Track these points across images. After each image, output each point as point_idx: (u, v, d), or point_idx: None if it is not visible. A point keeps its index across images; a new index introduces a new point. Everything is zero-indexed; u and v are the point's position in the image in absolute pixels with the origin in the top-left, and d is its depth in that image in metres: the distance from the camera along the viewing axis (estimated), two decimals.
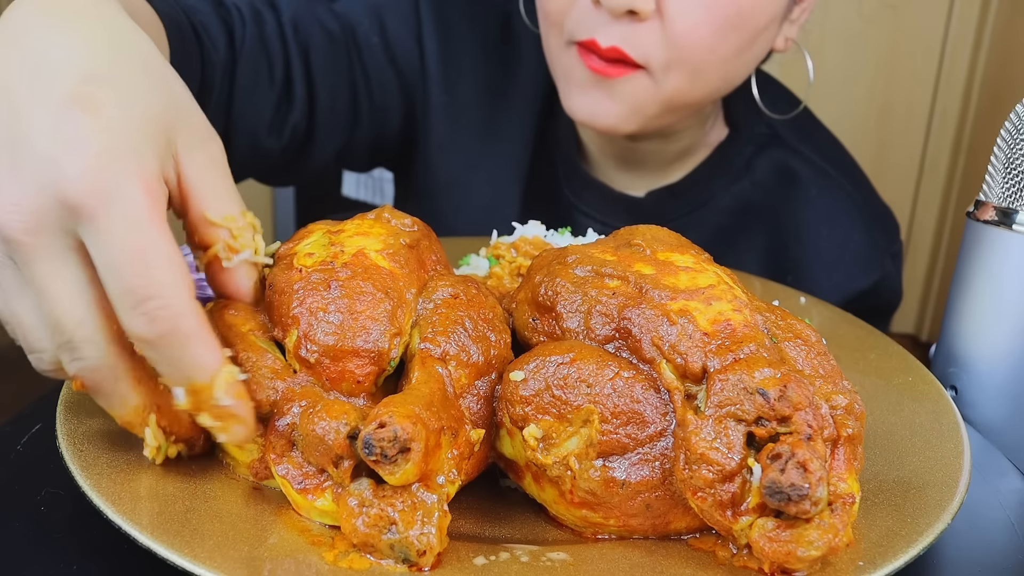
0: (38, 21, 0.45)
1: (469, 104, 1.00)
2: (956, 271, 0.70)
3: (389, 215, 0.56)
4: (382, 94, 0.96)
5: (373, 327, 0.47)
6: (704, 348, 0.45)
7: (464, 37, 1.00)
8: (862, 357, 0.68)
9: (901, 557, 0.43)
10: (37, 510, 0.48)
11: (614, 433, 0.44)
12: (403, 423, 0.40)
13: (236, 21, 0.83)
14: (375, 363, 0.47)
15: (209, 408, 0.43)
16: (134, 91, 0.44)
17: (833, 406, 0.44)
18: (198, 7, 0.79)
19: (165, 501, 0.44)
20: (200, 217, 0.47)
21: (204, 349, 0.42)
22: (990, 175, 0.67)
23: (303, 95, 0.88)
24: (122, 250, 0.40)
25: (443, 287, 0.51)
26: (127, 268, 0.40)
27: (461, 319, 0.49)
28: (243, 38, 0.82)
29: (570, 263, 0.51)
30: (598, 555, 0.44)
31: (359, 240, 0.52)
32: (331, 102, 0.91)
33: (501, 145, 1.01)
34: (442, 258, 0.57)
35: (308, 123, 0.90)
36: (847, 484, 0.43)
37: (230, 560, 0.40)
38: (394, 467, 0.40)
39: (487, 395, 0.48)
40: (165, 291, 0.40)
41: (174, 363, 0.42)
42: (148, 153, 0.42)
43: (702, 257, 0.53)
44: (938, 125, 2.58)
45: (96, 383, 0.43)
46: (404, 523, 0.41)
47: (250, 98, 0.84)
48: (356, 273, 0.49)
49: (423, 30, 0.97)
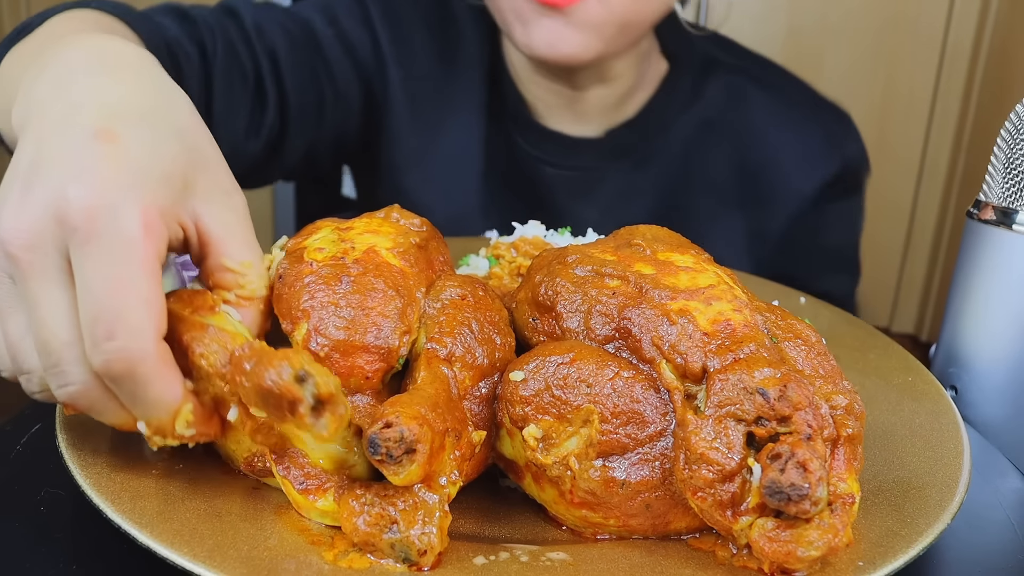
0: (85, 65, 0.47)
1: (424, 76, 1.04)
2: (956, 271, 0.70)
3: (398, 215, 0.56)
4: (344, 84, 1.00)
5: (384, 324, 0.47)
6: (704, 348, 0.45)
7: (410, 16, 1.04)
8: (862, 357, 0.68)
9: (901, 557, 0.43)
10: (37, 510, 0.48)
11: (614, 433, 0.44)
12: (409, 424, 0.40)
13: (205, 33, 0.86)
14: (384, 360, 0.47)
15: (171, 436, 0.43)
16: (156, 134, 0.45)
17: (833, 406, 0.44)
18: (167, 24, 0.83)
19: (165, 501, 0.44)
20: (217, 264, 0.47)
21: (163, 388, 0.42)
22: (990, 175, 0.67)
23: (274, 94, 0.92)
24: (101, 276, 0.40)
25: (451, 287, 0.51)
26: (100, 296, 0.40)
27: (468, 321, 0.49)
28: (214, 49, 0.86)
29: (570, 263, 0.51)
30: (598, 555, 0.44)
31: (369, 238, 0.52)
32: (300, 97, 0.94)
33: (457, 114, 1.05)
34: (448, 259, 0.57)
35: (281, 121, 0.94)
36: (847, 484, 0.43)
37: (230, 560, 0.40)
38: (399, 467, 0.40)
39: (488, 397, 0.48)
40: (130, 335, 0.40)
41: (133, 401, 0.42)
42: (157, 191, 0.43)
43: (702, 257, 0.53)
44: (938, 125, 2.58)
45: (87, 405, 0.43)
46: (405, 522, 0.41)
47: (228, 103, 0.87)
48: (367, 269, 0.49)
49: (372, 17, 1.02)
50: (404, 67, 1.02)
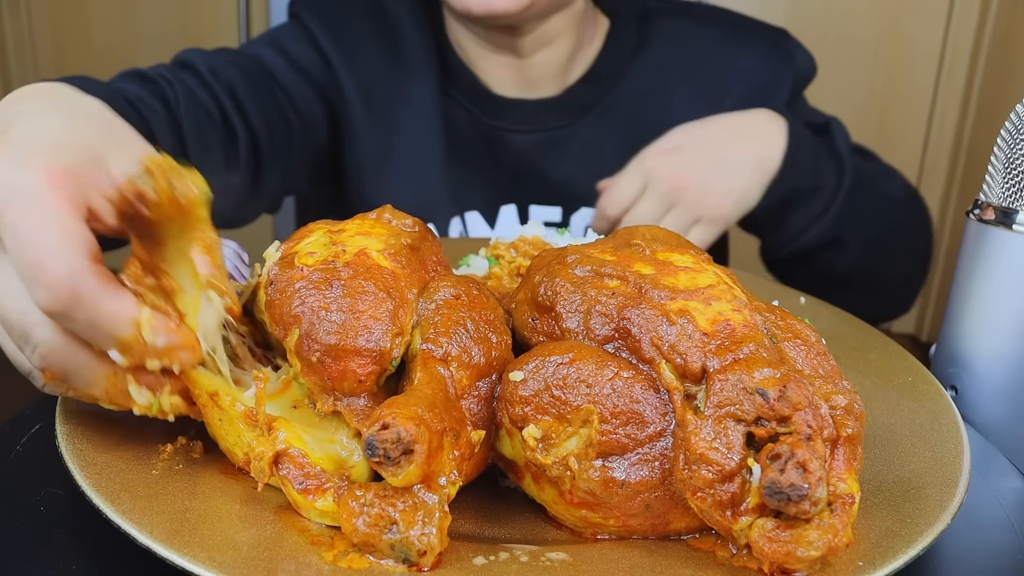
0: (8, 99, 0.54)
1: (376, 78, 1.07)
2: (956, 271, 0.70)
3: (390, 215, 0.56)
4: (305, 104, 1.04)
5: (375, 326, 0.47)
6: (704, 348, 0.45)
7: (351, 27, 1.08)
8: (862, 357, 0.68)
9: (901, 557, 0.43)
10: (37, 510, 0.48)
11: (613, 433, 0.44)
12: (406, 425, 0.40)
13: (165, 87, 0.90)
14: (377, 363, 0.47)
15: (148, 354, 0.44)
16: (52, 123, 0.48)
17: (833, 406, 0.44)
18: (126, 87, 0.87)
19: (165, 501, 0.44)
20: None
21: (115, 302, 0.43)
22: (990, 175, 0.67)
23: (241, 124, 0.96)
24: (21, 232, 0.42)
25: (445, 287, 0.51)
26: (24, 245, 0.42)
27: (463, 320, 0.49)
28: (176, 99, 0.90)
29: (570, 263, 0.51)
30: (597, 555, 0.44)
31: (361, 240, 0.52)
32: (266, 123, 0.99)
33: (412, 106, 1.08)
34: (442, 259, 0.57)
35: (254, 149, 0.98)
36: (847, 484, 0.43)
37: (230, 560, 0.40)
38: (397, 468, 0.40)
39: (487, 396, 0.48)
40: (59, 262, 0.42)
41: (94, 325, 0.43)
42: (61, 155, 0.45)
43: (701, 257, 0.53)
44: (938, 125, 2.58)
45: (61, 366, 0.45)
46: (405, 523, 0.41)
47: (200, 144, 0.91)
48: (358, 272, 0.49)
49: (316, 36, 1.06)
50: (355, 73, 1.06)
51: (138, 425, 0.50)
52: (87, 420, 0.50)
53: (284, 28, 1.09)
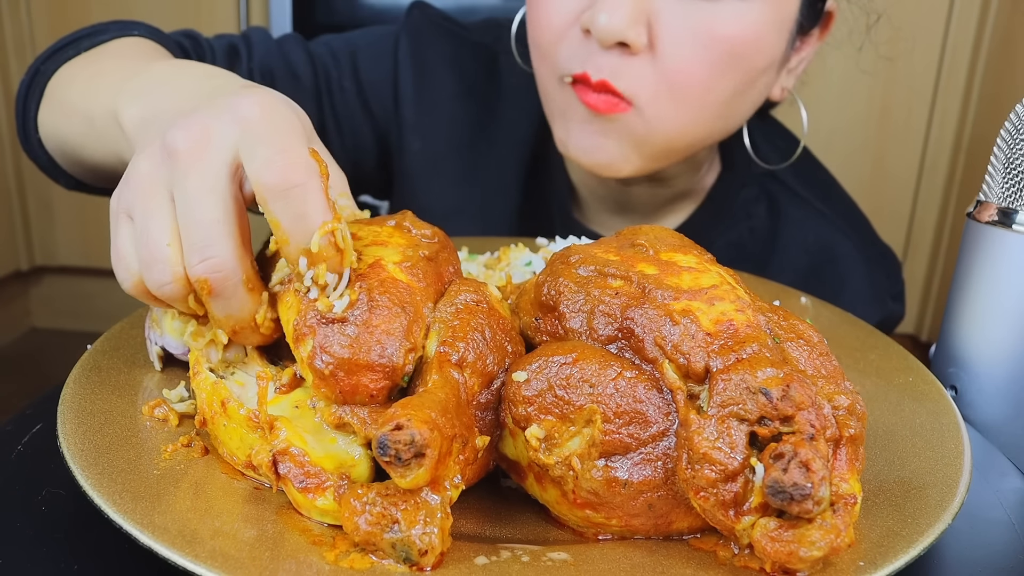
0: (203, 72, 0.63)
1: (445, 153, 1.00)
2: (956, 271, 0.70)
3: (409, 224, 0.55)
4: (353, 136, 0.99)
5: (388, 342, 0.46)
6: (707, 348, 0.45)
7: (443, 81, 1.00)
8: (862, 357, 0.68)
9: (902, 557, 0.43)
10: (37, 510, 0.48)
11: (616, 433, 0.44)
12: (420, 428, 0.40)
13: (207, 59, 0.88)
14: (388, 377, 0.47)
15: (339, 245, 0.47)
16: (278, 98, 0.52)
17: (835, 406, 0.44)
18: (179, 40, 0.85)
19: (166, 501, 0.44)
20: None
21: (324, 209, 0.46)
22: (990, 175, 0.67)
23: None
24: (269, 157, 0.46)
25: (465, 292, 0.50)
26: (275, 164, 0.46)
27: (481, 326, 0.49)
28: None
29: (573, 263, 0.51)
30: (599, 555, 0.44)
31: (376, 250, 0.51)
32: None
33: (485, 187, 1.00)
34: (459, 269, 0.56)
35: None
36: (849, 484, 0.43)
37: (230, 560, 0.40)
38: (407, 470, 0.40)
39: (490, 403, 0.48)
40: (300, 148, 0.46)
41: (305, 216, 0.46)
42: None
43: (705, 257, 0.53)
44: (938, 125, 2.58)
45: (220, 283, 0.47)
46: (407, 522, 0.41)
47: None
48: (372, 286, 0.48)
49: (399, 73, 0.99)
50: (422, 137, 1.00)
51: (139, 425, 0.50)
52: (88, 420, 0.50)
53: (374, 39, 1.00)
